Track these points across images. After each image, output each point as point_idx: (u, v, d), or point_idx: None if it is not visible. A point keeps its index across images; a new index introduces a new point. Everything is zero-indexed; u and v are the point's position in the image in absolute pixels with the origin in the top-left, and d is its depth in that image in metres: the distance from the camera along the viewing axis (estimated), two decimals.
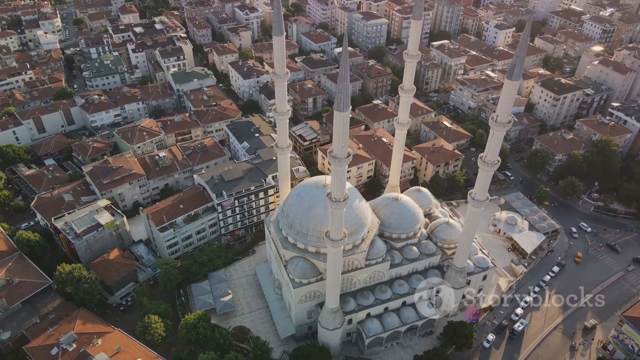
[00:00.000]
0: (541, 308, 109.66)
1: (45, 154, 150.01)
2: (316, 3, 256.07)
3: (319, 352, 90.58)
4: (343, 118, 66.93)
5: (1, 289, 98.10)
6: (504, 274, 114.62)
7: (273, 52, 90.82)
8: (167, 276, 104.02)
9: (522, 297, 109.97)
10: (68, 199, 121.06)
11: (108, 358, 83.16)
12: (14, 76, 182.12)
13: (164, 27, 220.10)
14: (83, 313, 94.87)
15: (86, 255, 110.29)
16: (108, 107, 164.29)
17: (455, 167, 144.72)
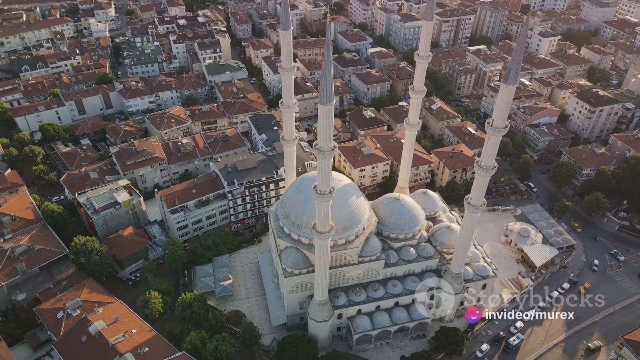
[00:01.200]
0: (544, 323, 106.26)
1: (82, 134, 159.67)
2: (358, 3, 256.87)
3: (305, 342, 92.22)
4: (327, 111, 68.27)
5: (22, 254, 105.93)
6: (508, 285, 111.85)
7: (281, 45, 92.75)
8: (173, 256, 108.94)
9: (525, 310, 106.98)
10: (93, 177, 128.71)
11: (105, 326, 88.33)
12: (64, 60, 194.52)
13: (206, 20, 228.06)
14: (91, 283, 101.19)
15: (103, 230, 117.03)
16: (143, 93, 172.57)
17: (473, 173, 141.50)
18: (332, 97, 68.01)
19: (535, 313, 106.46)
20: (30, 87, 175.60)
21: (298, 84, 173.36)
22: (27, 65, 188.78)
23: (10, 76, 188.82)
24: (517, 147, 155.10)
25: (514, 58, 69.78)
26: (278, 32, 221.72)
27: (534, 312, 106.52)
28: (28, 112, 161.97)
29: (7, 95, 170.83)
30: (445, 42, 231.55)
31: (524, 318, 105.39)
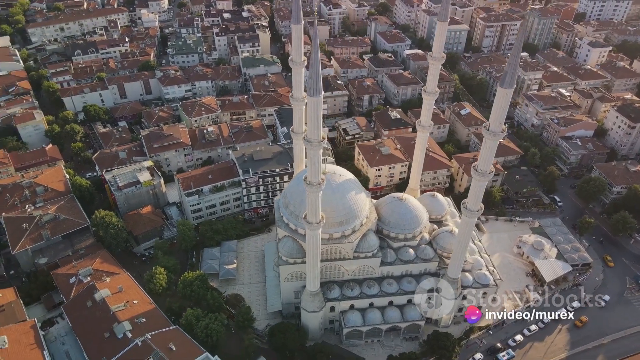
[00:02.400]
0: (546, 339, 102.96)
1: (121, 116, 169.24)
2: (402, 4, 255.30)
3: (295, 331, 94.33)
4: (315, 103, 69.92)
5: (48, 222, 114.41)
6: (513, 297, 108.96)
7: (292, 39, 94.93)
8: (183, 237, 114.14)
9: (527, 324, 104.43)
10: (122, 156, 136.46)
11: (109, 294, 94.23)
12: (113, 47, 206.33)
13: (249, 15, 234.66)
14: (104, 254, 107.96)
15: (124, 206, 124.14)
16: (181, 82, 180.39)
17: (494, 182, 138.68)
18: (320, 90, 69.51)
19: (538, 328, 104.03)
20: (80, 70, 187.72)
21: (328, 81, 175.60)
22: (80, 50, 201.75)
23: (64, 59, 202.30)
24: (547, 159, 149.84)
25: (510, 61, 68.56)
26: (318, 30, 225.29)
27: (537, 327, 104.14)
28: (75, 93, 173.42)
29: (58, 77, 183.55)
30: (488, 47, 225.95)
31: (525, 332, 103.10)
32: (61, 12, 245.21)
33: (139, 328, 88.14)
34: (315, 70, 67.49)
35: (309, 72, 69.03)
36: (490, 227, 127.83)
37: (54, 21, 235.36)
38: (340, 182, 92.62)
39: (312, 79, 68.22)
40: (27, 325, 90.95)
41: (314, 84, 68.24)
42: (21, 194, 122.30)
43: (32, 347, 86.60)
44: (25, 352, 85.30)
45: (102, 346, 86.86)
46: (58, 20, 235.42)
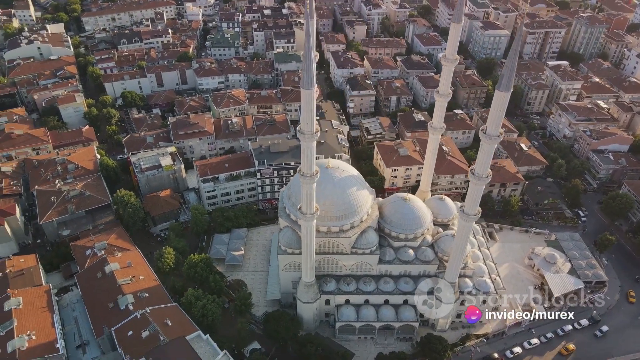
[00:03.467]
0: (546, 355, 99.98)
1: (155, 104, 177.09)
2: (444, 7, 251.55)
3: (289, 319, 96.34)
4: (308, 95, 71.50)
5: (74, 197, 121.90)
6: (516, 308, 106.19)
7: (305, 34, 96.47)
8: (195, 221, 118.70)
9: (529, 337, 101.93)
10: (149, 141, 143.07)
11: (118, 268, 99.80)
12: (156, 37, 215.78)
13: (289, 12, 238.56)
14: (120, 231, 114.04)
15: (145, 188, 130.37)
16: (215, 73, 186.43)
17: (513, 191, 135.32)
18: (313, 82, 70.85)
19: (540, 342, 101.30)
20: (123, 58, 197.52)
21: (357, 80, 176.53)
22: (125, 39, 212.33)
23: (111, 47, 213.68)
24: (574, 172, 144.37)
25: (507, 64, 67.54)
26: (355, 29, 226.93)
27: (538, 341, 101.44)
28: (115, 79, 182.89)
29: (103, 63, 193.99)
30: (529, 54, 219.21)
31: (525, 345, 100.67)
32: (114, 2, 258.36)
33: (140, 302, 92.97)
34: (308, 63, 69.17)
35: (302, 65, 70.64)
36: (504, 237, 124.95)
37: (107, 11, 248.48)
38: (343, 177, 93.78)
39: (305, 72, 69.94)
40: (42, 289, 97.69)
41: (306, 77, 69.91)
42: (54, 170, 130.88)
43: (44, 310, 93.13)
44: (37, 314, 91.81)
45: (106, 315, 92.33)
46: (111, 11, 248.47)
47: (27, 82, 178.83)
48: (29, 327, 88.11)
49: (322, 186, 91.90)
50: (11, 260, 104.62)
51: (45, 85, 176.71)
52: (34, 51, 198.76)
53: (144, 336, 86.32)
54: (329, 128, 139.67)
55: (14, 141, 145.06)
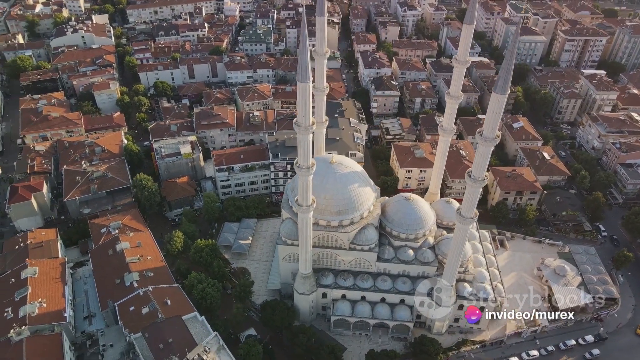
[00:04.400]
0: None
1: (185, 94, 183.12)
2: (483, 11, 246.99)
3: (285, 309, 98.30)
4: (304, 88, 73.03)
5: (97, 178, 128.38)
6: (519, 317, 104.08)
7: (316, 31, 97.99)
8: (207, 208, 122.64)
9: (528, 347, 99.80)
10: (173, 129, 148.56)
11: (128, 247, 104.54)
12: (192, 31, 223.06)
13: None
14: (135, 212, 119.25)
15: (164, 174, 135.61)
16: (244, 68, 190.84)
17: (530, 200, 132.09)
18: (308, 75, 72.12)
19: (539, 354, 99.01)
20: (159, 50, 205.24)
21: (382, 81, 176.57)
22: (163, 31, 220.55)
23: (149, 39, 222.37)
24: (598, 185, 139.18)
25: (504, 66, 66.72)
26: (388, 30, 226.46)
27: (538, 353, 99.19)
28: (150, 69, 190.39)
29: (139, 54, 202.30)
30: (567, 62, 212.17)
31: (524, 356, 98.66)
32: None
33: (145, 280, 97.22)
34: (304, 57, 70.66)
35: (298, 59, 72.26)
36: (515, 245, 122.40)
37: (150, 4, 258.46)
38: (345, 172, 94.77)
39: (300, 65, 71.48)
40: (58, 262, 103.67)
41: (301, 70, 71.43)
42: (82, 151, 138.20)
43: (57, 281, 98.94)
44: (50, 284, 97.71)
45: (112, 290, 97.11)
46: (154, 4, 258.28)
47: (69, 69, 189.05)
48: (41, 295, 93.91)
49: (323, 180, 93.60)
50: (33, 233, 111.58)
51: (85, 72, 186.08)
52: (78, 40, 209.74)
53: (144, 312, 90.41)
54: (346, 126, 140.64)
55: (50, 123, 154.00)
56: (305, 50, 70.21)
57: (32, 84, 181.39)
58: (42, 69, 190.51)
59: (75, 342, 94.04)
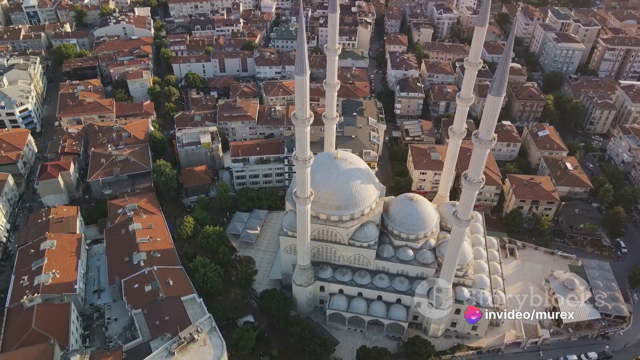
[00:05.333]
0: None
1: (214, 87, 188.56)
2: (523, 17, 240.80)
3: (283, 299, 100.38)
4: (301, 82, 74.42)
5: (120, 162, 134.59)
6: (519, 327, 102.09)
7: (328, 27, 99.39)
8: (220, 197, 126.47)
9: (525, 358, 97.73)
10: (197, 119, 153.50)
11: (140, 228, 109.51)
12: (227, 26, 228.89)
13: (358, 10, 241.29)
14: (151, 196, 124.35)
15: (184, 161, 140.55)
16: (273, 63, 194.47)
17: (547, 210, 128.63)
18: (305, 69, 73.30)
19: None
20: (193, 43, 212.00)
21: (408, 82, 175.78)
22: (199, 25, 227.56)
23: (186, 32, 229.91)
24: (623, 199, 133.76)
25: (499, 68, 66.04)
26: (420, 32, 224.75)
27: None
28: (183, 61, 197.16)
29: (175, 46, 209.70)
30: (606, 72, 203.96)
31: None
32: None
33: (151, 260, 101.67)
34: (301, 50, 72.12)
35: (296, 52, 73.85)
36: (525, 255, 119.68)
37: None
38: (348, 168, 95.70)
39: (297, 59, 73.04)
40: (75, 237, 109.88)
41: (298, 64, 72.97)
42: (110, 136, 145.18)
43: (72, 255, 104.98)
44: (65, 257, 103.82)
45: (120, 268, 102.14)
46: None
47: (108, 57, 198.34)
48: (55, 267, 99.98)
49: (326, 175, 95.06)
50: (56, 209, 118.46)
51: (122, 61, 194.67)
52: (120, 30, 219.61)
53: (147, 290, 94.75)
54: (364, 125, 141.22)
55: (84, 107, 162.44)
56: (302, 44, 71.67)
57: (74, 70, 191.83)
58: (83, 57, 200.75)
59: (84, 313, 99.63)
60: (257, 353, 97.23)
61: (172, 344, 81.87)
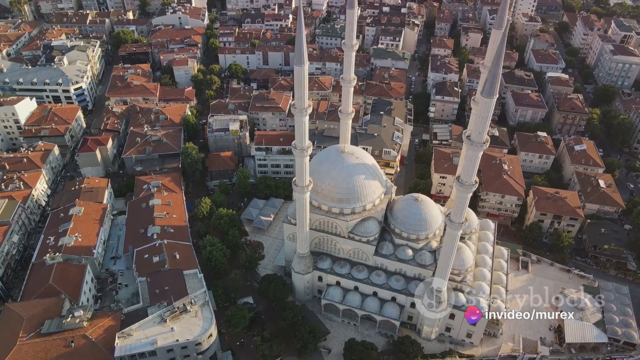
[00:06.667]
0: None
1: (254, 79, 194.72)
2: (582, 27, 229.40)
3: (281, 285, 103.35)
4: (300, 72, 76.47)
5: (153, 142, 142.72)
6: (518, 341, 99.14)
7: (346, 23, 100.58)
8: (240, 182, 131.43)
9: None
10: (230, 108, 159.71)
11: (159, 203, 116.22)
12: (276, 21, 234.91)
13: (408, 12, 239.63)
14: (175, 176, 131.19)
15: (212, 146, 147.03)
16: (313, 59, 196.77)
17: (569, 226, 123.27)
18: (303, 60, 75.22)
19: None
20: (241, 35, 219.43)
21: (444, 86, 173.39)
22: (250, 18, 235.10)
23: (236, 24, 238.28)
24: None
25: (491, 71, 65.11)
26: (469, 36, 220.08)
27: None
28: (228, 52, 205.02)
29: (224, 37, 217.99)
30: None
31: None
32: None
33: (164, 234, 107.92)
34: (299, 41, 74.20)
35: (295, 43, 76.13)
36: (539, 270, 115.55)
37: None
38: (353, 163, 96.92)
39: (296, 49, 75.24)
40: (101, 206, 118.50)
41: (297, 55, 75.19)
42: (148, 117, 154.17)
43: (95, 222, 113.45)
44: (89, 223, 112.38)
45: (135, 238, 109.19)
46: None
47: (160, 45, 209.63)
48: (79, 231, 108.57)
49: (331, 167, 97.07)
50: (89, 180, 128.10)
51: (172, 49, 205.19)
52: (175, 20, 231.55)
53: (154, 261, 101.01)
54: (389, 124, 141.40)
55: (131, 89, 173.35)
56: (301, 35, 73.82)
57: (128, 55, 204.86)
58: (138, 43, 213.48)
59: (100, 276, 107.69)
60: (251, 332, 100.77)
61: (166, 312, 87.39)
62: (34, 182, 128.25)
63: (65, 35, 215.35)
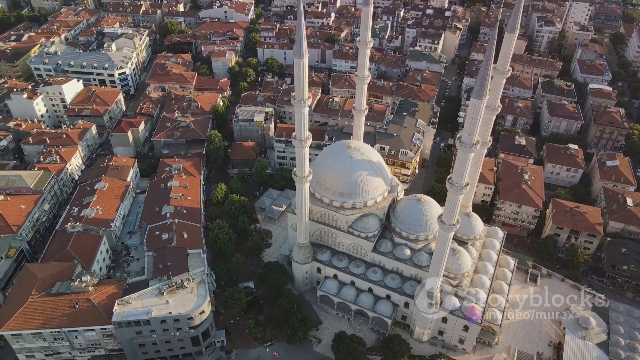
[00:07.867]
0: None
1: (288, 74, 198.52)
2: (638, 39, 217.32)
3: (281, 273, 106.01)
4: (299, 64, 78.29)
5: (182, 128, 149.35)
6: (512, 353, 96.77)
7: (361, 20, 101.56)
8: (257, 172, 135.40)
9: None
10: (259, 100, 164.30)
11: (177, 185, 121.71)
12: (318, 18, 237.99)
13: (452, 15, 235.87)
14: (197, 161, 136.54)
15: (237, 135, 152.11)
16: (349, 58, 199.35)
17: (587, 242, 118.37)
18: (303, 51, 76.79)
19: None
20: (282, 31, 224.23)
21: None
22: (292, 15, 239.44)
23: (279, 20, 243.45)
24: None
25: (481, 72, 64.50)
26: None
27: None
28: (267, 47, 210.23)
29: (264, 32, 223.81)
30: None
31: None
32: None
33: (176, 214, 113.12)
34: (299, 34, 76.01)
35: (295, 35, 78.02)
36: (548, 284, 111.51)
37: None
38: (357, 159, 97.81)
39: (296, 41, 77.15)
40: (124, 184, 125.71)
41: (297, 47, 77.12)
42: (181, 104, 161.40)
43: (117, 198, 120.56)
44: (111, 197, 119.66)
45: (150, 215, 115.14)
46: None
47: (204, 36, 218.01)
48: (101, 205, 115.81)
49: (334, 161, 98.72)
50: (117, 158, 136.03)
51: (215, 41, 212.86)
52: (221, 14, 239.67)
53: (163, 238, 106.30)
54: (410, 125, 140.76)
55: (169, 77, 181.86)
56: (301, 28, 75.73)
57: (173, 44, 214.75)
58: (183, 34, 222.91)
59: (115, 249, 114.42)
60: (248, 315, 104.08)
61: (164, 285, 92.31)
62: (69, 157, 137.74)
63: (119, 24, 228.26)
